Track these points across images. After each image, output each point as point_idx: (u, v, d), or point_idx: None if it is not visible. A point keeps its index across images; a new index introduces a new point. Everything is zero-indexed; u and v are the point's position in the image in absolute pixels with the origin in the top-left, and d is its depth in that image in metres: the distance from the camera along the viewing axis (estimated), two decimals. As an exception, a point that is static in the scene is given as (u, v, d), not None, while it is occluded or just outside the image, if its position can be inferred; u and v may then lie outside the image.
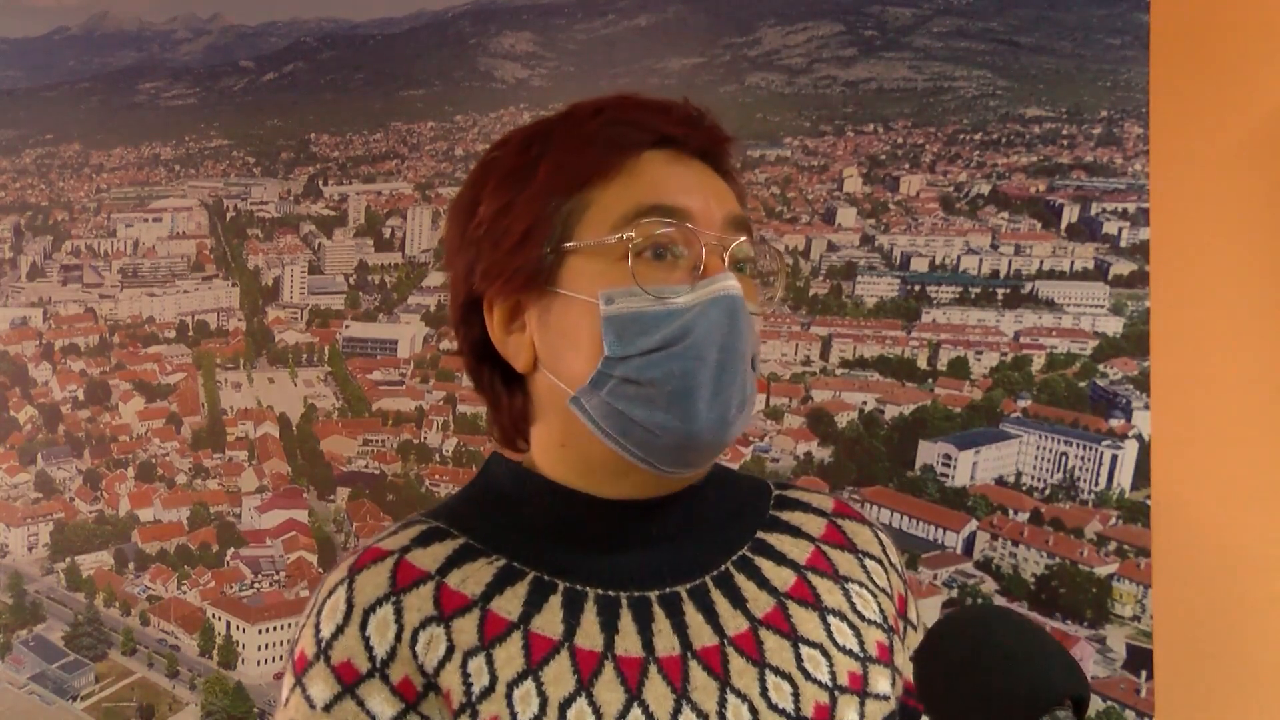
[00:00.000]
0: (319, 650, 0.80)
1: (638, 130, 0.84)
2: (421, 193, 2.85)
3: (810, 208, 2.45)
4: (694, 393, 0.78)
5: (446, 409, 2.72)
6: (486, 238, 0.85)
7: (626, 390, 0.80)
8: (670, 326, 0.79)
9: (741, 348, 0.80)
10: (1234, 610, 1.79)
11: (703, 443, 0.80)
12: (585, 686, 0.78)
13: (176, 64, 3.13)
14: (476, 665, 0.78)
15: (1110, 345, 2.10)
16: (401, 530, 0.85)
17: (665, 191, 0.82)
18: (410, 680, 0.78)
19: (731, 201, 0.86)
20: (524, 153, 0.85)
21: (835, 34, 2.46)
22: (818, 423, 2.35)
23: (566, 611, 0.81)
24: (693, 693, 0.79)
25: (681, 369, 0.78)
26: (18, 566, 3.01)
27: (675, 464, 0.82)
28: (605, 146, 0.83)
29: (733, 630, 0.83)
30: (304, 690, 0.80)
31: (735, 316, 0.80)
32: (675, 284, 0.80)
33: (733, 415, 0.80)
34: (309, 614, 0.82)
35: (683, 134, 0.85)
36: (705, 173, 0.86)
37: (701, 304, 0.79)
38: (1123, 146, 2.13)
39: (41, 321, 3.14)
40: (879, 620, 0.89)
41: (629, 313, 0.80)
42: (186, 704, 2.81)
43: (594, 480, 0.85)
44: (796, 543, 0.90)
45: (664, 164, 0.84)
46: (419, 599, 0.80)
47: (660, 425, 0.79)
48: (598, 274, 0.81)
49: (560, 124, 0.86)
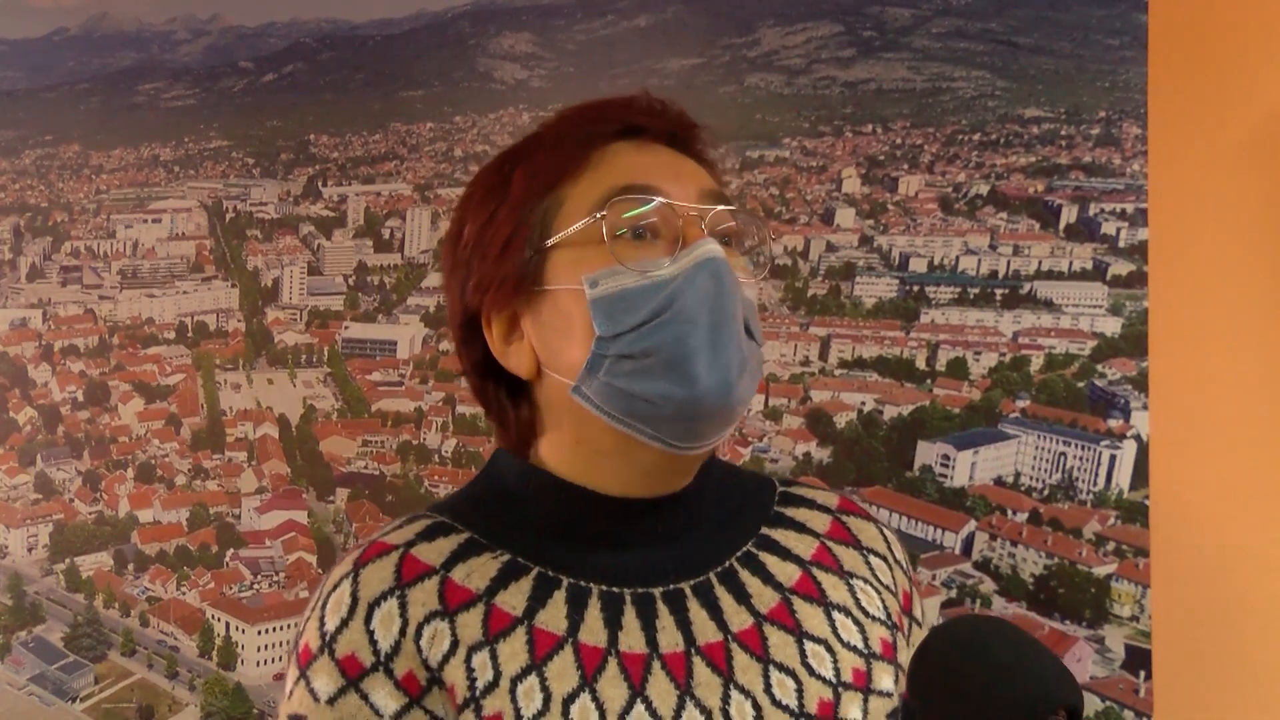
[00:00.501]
0: (323, 643, 0.80)
1: (600, 123, 0.86)
2: (421, 194, 2.86)
3: (809, 208, 2.45)
4: (690, 357, 0.78)
5: (446, 410, 2.72)
6: (474, 253, 0.87)
7: (623, 366, 0.80)
8: (657, 298, 0.79)
9: (731, 308, 0.80)
10: (1233, 610, 1.79)
11: (709, 407, 0.80)
12: (589, 682, 0.78)
13: (176, 65, 3.13)
14: (480, 660, 0.78)
15: (1109, 345, 2.11)
16: (407, 525, 0.85)
17: (634, 173, 0.84)
18: (414, 674, 0.79)
19: (704, 176, 0.87)
20: (499, 170, 0.88)
21: (834, 35, 2.46)
22: (817, 423, 2.35)
23: (570, 607, 0.81)
24: (696, 689, 0.80)
25: (674, 335, 0.79)
26: (17, 568, 3.01)
27: (685, 436, 0.81)
28: (571, 145, 0.85)
29: (737, 626, 0.83)
30: (308, 683, 0.80)
31: (721, 278, 0.80)
32: (657, 257, 0.81)
33: (734, 377, 0.80)
34: (314, 607, 0.83)
35: (646, 121, 0.87)
36: (674, 155, 0.87)
37: (685, 271, 0.80)
38: (1121, 147, 2.13)
39: (41, 323, 3.14)
40: (883, 617, 0.89)
41: (615, 291, 0.80)
42: (186, 705, 2.81)
43: (605, 475, 0.85)
44: (801, 539, 0.91)
45: (631, 152, 0.86)
46: (423, 593, 0.80)
47: (662, 394, 0.79)
48: (579, 261, 0.82)
49: (529, 138, 0.89)
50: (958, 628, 0.79)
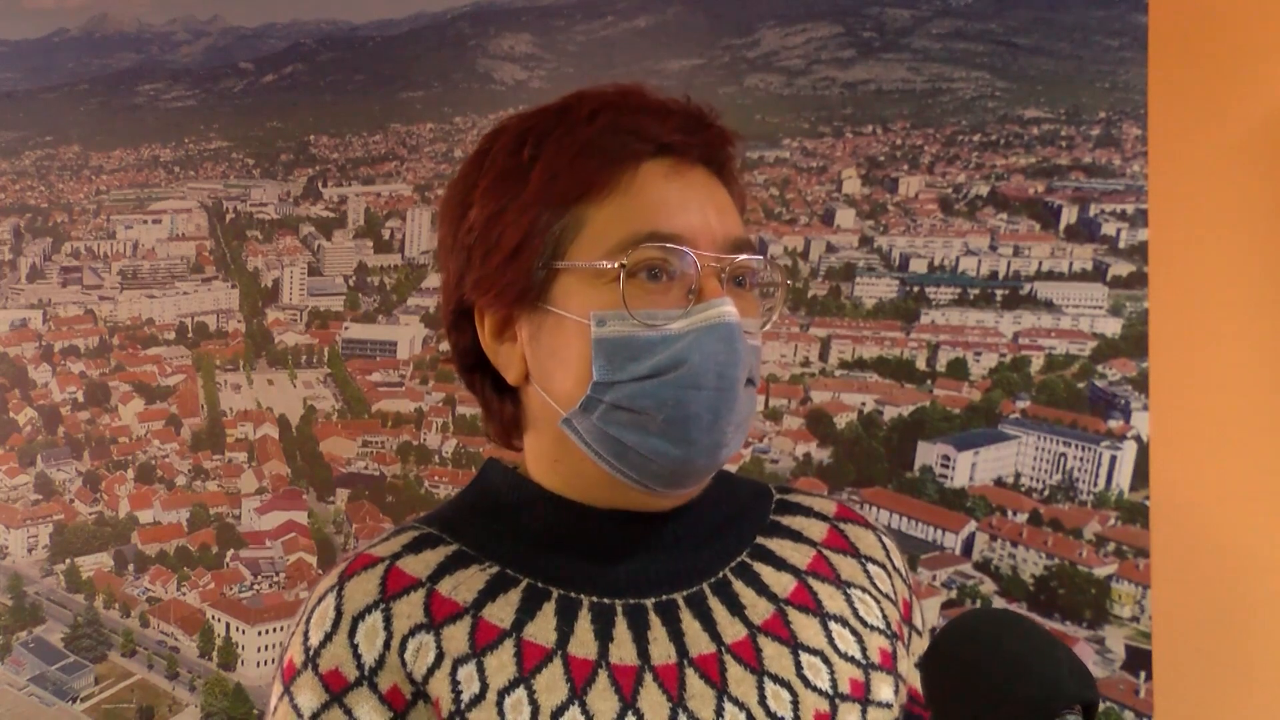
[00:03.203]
0: (307, 658, 0.79)
1: (635, 140, 0.80)
2: (421, 194, 2.86)
3: (809, 209, 2.45)
4: (690, 421, 0.77)
5: (446, 410, 2.72)
6: (478, 246, 0.83)
7: (619, 416, 0.78)
8: (662, 354, 0.77)
9: (738, 374, 0.78)
10: (1233, 611, 1.79)
11: (698, 467, 0.80)
12: (578, 695, 0.76)
13: (176, 66, 3.13)
14: (467, 673, 0.77)
15: (1109, 346, 2.11)
16: (394, 537, 0.84)
17: (662, 215, 0.79)
18: (399, 689, 0.78)
19: (733, 217, 0.83)
20: (517, 153, 0.82)
21: (834, 35, 2.46)
22: (817, 424, 2.35)
23: (560, 619, 0.80)
24: (689, 701, 0.78)
25: (675, 398, 0.77)
26: (17, 568, 3.01)
27: (669, 486, 0.81)
28: (600, 158, 0.80)
29: (731, 638, 0.82)
30: (291, 699, 0.79)
31: (732, 342, 0.78)
32: (669, 308, 0.78)
33: (728, 439, 0.79)
34: (299, 621, 0.82)
35: (682, 142, 0.82)
36: (706, 184, 0.83)
37: (696, 331, 0.77)
38: (1121, 148, 2.13)
39: (41, 323, 3.14)
40: (882, 626, 0.87)
41: (620, 336, 0.78)
42: (186, 705, 2.81)
43: (588, 493, 0.84)
44: (797, 548, 0.89)
45: (662, 179, 0.81)
46: (409, 606, 0.79)
47: (655, 451, 0.78)
48: (589, 293, 0.79)
49: (556, 123, 0.82)
50: (973, 620, 0.78)
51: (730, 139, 0.85)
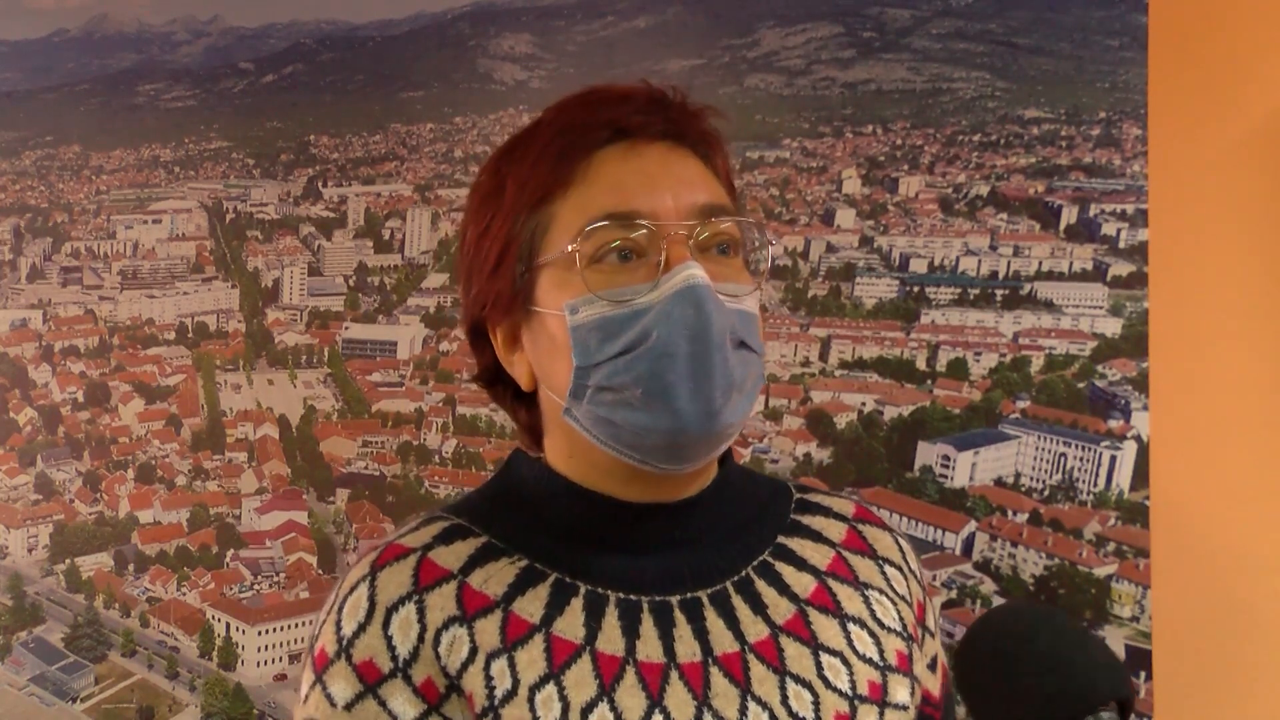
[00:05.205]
0: (340, 648, 0.79)
1: (589, 131, 0.82)
2: (421, 194, 2.86)
3: (809, 209, 2.45)
4: (670, 390, 0.77)
5: (446, 410, 2.72)
6: (475, 263, 0.86)
7: (604, 397, 0.79)
8: (634, 328, 0.78)
9: (714, 336, 0.77)
10: (1232, 611, 1.79)
11: (693, 436, 0.79)
12: (607, 691, 0.77)
13: (176, 66, 3.13)
14: (499, 668, 0.77)
15: (1109, 346, 2.11)
16: (423, 527, 0.84)
17: (616, 195, 0.80)
18: (433, 681, 0.78)
19: (702, 186, 0.83)
20: (496, 173, 0.86)
21: (834, 35, 2.47)
22: (817, 424, 2.35)
23: (588, 615, 0.80)
24: (714, 699, 0.78)
25: (650, 369, 0.77)
26: (17, 568, 3.01)
27: (671, 460, 0.81)
28: (558, 157, 0.82)
29: (753, 637, 0.82)
30: (324, 688, 0.79)
31: (702, 305, 0.77)
32: (638, 283, 0.79)
33: (718, 404, 0.78)
34: (330, 610, 0.81)
35: (640, 123, 0.83)
36: (668, 158, 0.83)
37: (663, 299, 0.77)
38: (1121, 148, 2.13)
39: (41, 323, 3.14)
40: (898, 628, 0.88)
41: (592, 320, 0.79)
42: (186, 705, 2.81)
43: (606, 484, 0.84)
44: (817, 548, 0.89)
45: (618, 161, 0.82)
46: (442, 598, 0.79)
47: (644, 426, 0.78)
48: (563, 285, 0.80)
49: (526, 137, 0.86)
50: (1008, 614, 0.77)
51: (700, 114, 0.86)
